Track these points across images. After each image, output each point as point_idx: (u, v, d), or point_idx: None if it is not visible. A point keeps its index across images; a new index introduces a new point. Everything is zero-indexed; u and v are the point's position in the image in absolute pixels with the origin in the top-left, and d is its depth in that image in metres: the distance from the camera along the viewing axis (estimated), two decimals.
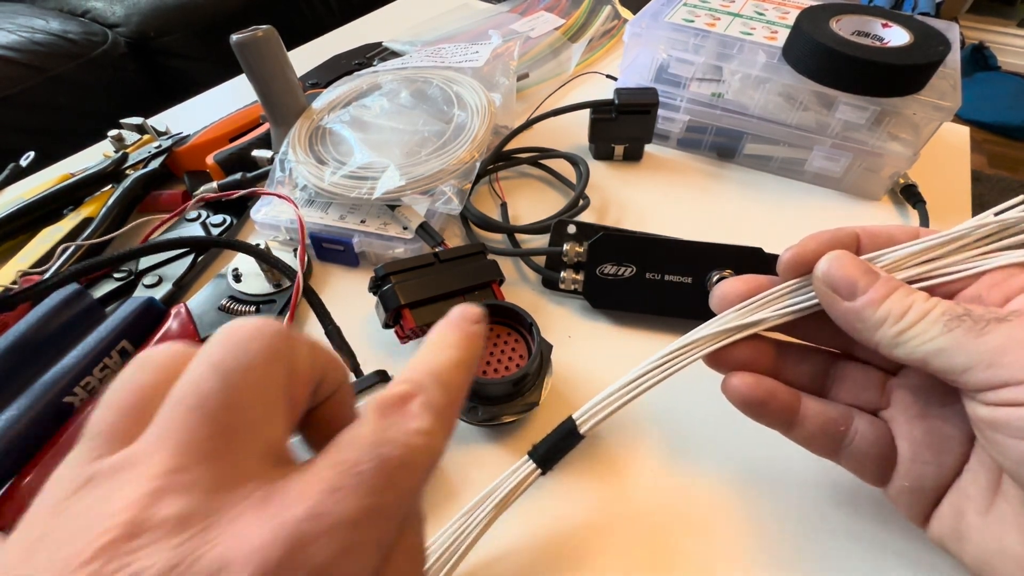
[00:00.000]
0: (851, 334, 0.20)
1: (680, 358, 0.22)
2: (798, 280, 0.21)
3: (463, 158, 0.37)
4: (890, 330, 0.18)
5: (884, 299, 0.18)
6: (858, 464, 0.21)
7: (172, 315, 0.33)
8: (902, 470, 0.20)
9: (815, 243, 0.21)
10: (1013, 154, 1.71)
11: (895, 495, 0.21)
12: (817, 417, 0.21)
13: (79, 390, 0.28)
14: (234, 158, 0.42)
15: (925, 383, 0.20)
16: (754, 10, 0.47)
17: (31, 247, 0.36)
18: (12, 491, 0.25)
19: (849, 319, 0.19)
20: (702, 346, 0.22)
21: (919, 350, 0.17)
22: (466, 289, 0.32)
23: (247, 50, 0.37)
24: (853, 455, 0.21)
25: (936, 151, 0.46)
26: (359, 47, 0.61)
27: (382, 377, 0.27)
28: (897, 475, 0.20)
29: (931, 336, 0.17)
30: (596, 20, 0.63)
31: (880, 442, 0.21)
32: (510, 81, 0.47)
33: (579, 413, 0.22)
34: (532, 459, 0.22)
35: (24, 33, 1.03)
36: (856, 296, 0.19)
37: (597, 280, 0.33)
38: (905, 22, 0.40)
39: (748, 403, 0.21)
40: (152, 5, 1.16)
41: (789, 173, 0.45)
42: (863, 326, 0.19)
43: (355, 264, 0.38)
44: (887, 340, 0.18)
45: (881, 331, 0.18)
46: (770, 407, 0.21)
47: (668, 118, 0.46)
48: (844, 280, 0.19)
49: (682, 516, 0.26)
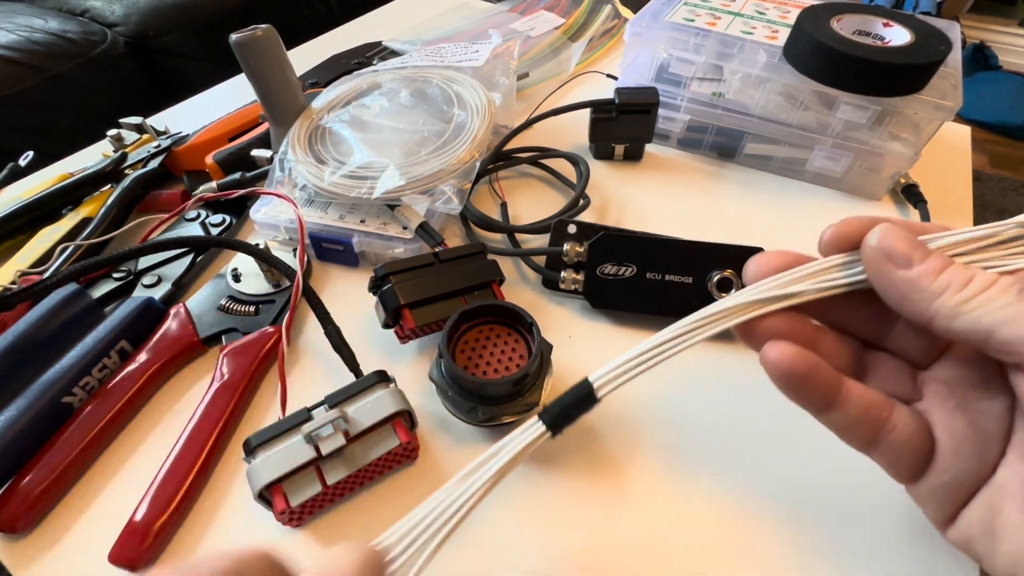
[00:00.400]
0: (900, 308, 0.18)
1: (709, 326, 0.20)
2: (839, 256, 0.20)
3: (463, 158, 0.37)
4: (952, 299, 0.17)
5: (943, 269, 0.17)
6: (895, 457, 0.19)
7: (171, 315, 0.33)
8: (942, 465, 0.19)
9: (857, 222, 0.20)
10: (1014, 154, 1.71)
11: (927, 492, 0.19)
12: (862, 400, 0.19)
13: (78, 390, 0.28)
14: (233, 158, 0.42)
15: (961, 375, 0.20)
16: (755, 9, 0.47)
17: (30, 247, 0.36)
18: (12, 491, 0.25)
19: (904, 289, 0.18)
20: (735, 314, 0.20)
21: (984, 320, 0.16)
22: (466, 289, 0.31)
23: (247, 50, 0.37)
24: (893, 446, 0.19)
25: (937, 151, 0.46)
26: (359, 46, 0.61)
27: (382, 377, 0.27)
28: (935, 470, 0.19)
29: (1001, 304, 0.16)
30: (596, 19, 0.63)
31: (920, 434, 0.19)
32: (510, 81, 0.47)
33: (597, 375, 0.21)
34: (543, 420, 0.20)
35: (23, 32, 1.02)
36: (912, 265, 0.18)
37: (597, 280, 0.33)
38: (906, 21, 0.40)
39: (789, 376, 0.19)
40: (151, 4, 1.16)
41: (790, 173, 0.45)
42: (919, 296, 0.17)
43: (355, 264, 0.38)
44: (947, 310, 0.17)
45: (941, 300, 0.17)
46: (813, 383, 0.19)
47: (668, 118, 0.46)
48: (900, 248, 0.18)
49: (681, 518, 0.26)
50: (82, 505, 0.26)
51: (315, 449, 0.24)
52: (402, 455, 0.27)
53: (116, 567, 0.24)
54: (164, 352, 0.31)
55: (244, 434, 0.27)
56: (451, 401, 0.27)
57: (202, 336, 0.32)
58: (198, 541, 0.25)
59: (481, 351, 0.28)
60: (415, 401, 0.28)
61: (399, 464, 0.27)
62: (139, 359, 0.30)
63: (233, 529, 0.26)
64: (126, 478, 0.27)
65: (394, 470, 0.27)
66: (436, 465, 0.28)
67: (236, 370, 0.30)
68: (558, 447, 0.28)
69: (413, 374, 0.31)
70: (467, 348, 0.28)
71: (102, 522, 0.26)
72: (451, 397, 0.27)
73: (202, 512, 0.26)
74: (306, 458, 0.24)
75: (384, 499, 0.27)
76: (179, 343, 0.31)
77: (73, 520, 0.26)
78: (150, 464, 0.27)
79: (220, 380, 0.29)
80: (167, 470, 0.26)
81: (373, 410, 0.25)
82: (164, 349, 0.31)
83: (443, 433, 0.29)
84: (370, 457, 0.25)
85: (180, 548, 0.25)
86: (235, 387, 0.29)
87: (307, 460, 0.24)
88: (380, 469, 0.26)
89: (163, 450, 0.27)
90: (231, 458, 0.28)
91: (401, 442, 0.25)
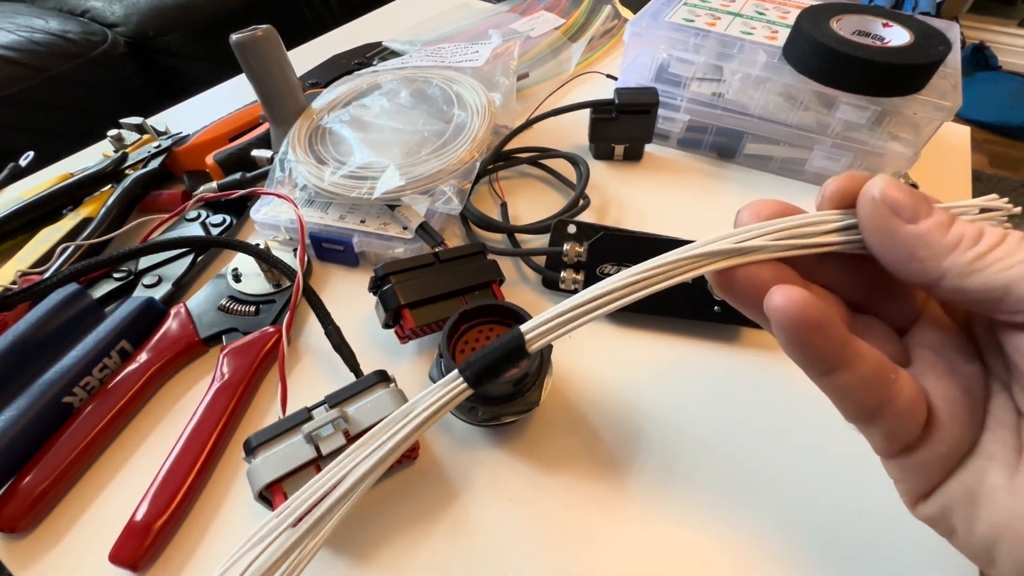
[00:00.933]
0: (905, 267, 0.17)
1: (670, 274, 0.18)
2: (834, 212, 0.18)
3: (463, 158, 0.37)
4: (965, 255, 0.15)
5: (951, 223, 0.16)
6: (896, 426, 0.17)
7: (172, 315, 0.33)
8: (939, 433, 0.17)
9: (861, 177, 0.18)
10: (1014, 154, 1.71)
11: (918, 464, 0.18)
12: (871, 358, 0.17)
13: (78, 390, 0.28)
14: (234, 158, 0.42)
15: (942, 339, 0.18)
16: (754, 10, 0.47)
17: (30, 247, 0.36)
18: (12, 491, 0.25)
19: (912, 246, 0.16)
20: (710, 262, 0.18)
21: (1001, 276, 0.15)
22: (466, 289, 0.31)
23: (247, 50, 0.37)
24: (897, 414, 0.17)
25: (937, 151, 0.46)
26: (359, 47, 0.61)
27: (382, 377, 0.27)
28: (932, 439, 0.17)
29: (1020, 259, 0.15)
30: (596, 20, 0.63)
31: (922, 400, 0.18)
32: (510, 81, 0.47)
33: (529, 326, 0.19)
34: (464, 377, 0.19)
35: (23, 33, 1.03)
36: (919, 219, 0.16)
37: (597, 280, 0.33)
38: (906, 22, 0.40)
39: (799, 326, 0.16)
40: (151, 5, 1.16)
41: (789, 173, 0.45)
42: (929, 252, 0.16)
43: (355, 264, 0.38)
44: (959, 267, 0.15)
45: (953, 256, 0.15)
46: (824, 335, 0.17)
47: (668, 118, 0.46)
48: (905, 200, 0.16)
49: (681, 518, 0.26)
50: (82, 505, 0.26)
51: (315, 449, 0.24)
52: (402, 455, 0.27)
53: (116, 567, 0.24)
54: (164, 352, 0.31)
55: (244, 434, 0.27)
56: None
57: (202, 336, 0.32)
58: (198, 541, 0.25)
59: None
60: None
61: (399, 464, 0.27)
62: (139, 359, 0.30)
63: (233, 529, 0.26)
64: (126, 478, 0.27)
65: (394, 470, 0.27)
66: (436, 465, 0.28)
67: (236, 370, 0.30)
68: (558, 447, 0.28)
69: (413, 374, 0.31)
70: (467, 348, 0.28)
71: (102, 522, 0.26)
72: None
73: (202, 512, 0.26)
74: (306, 458, 0.24)
75: (384, 499, 0.27)
76: (179, 343, 0.31)
77: (73, 520, 0.26)
78: (150, 464, 0.27)
79: (220, 380, 0.29)
80: (167, 470, 0.26)
81: (373, 410, 0.25)
82: (164, 349, 0.31)
83: (443, 433, 0.29)
84: None
85: (180, 548, 0.25)
86: (235, 387, 0.29)
87: (307, 460, 0.24)
88: None
89: (163, 450, 0.27)
90: (231, 458, 0.28)
91: None
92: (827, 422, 0.28)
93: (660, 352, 0.32)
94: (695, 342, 0.33)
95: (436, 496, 0.27)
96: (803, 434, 0.28)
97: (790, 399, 0.30)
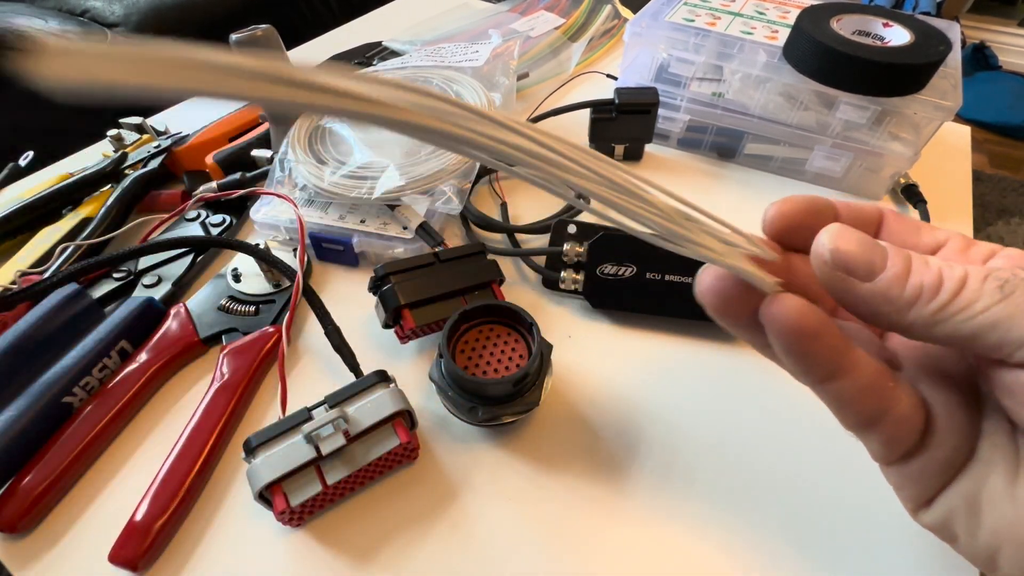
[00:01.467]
0: (871, 320, 0.16)
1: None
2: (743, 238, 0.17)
3: (463, 158, 0.37)
4: (926, 308, 0.15)
5: (908, 270, 0.15)
6: (896, 433, 0.17)
7: (171, 315, 0.33)
8: (938, 439, 0.17)
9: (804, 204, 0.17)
10: (1014, 154, 1.71)
11: (917, 471, 0.17)
12: (870, 365, 0.17)
13: (78, 390, 0.28)
14: (233, 158, 0.42)
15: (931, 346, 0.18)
16: (755, 9, 0.47)
17: (30, 247, 0.36)
18: (12, 491, 0.25)
19: (873, 303, 0.15)
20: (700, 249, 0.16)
21: (966, 326, 0.14)
22: (466, 289, 0.31)
23: (247, 50, 0.37)
24: (896, 421, 0.17)
25: (937, 151, 0.46)
26: (359, 47, 0.61)
27: (382, 377, 0.27)
28: (932, 445, 0.17)
29: (984, 306, 0.14)
30: (596, 19, 0.63)
31: (921, 405, 0.17)
32: (510, 81, 0.47)
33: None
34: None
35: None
36: (875, 274, 0.15)
37: (597, 280, 0.33)
38: (906, 21, 0.40)
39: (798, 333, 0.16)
40: (151, 4, 1.16)
41: (790, 173, 0.45)
42: (891, 308, 0.15)
43: (355, 264, 0.38)
44: (923, 320, 0.15)
45: (915, 310, 0.15)
46: (822, 342, 0.16)
47: (668, 118, 0.46)
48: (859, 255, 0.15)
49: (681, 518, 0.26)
50: (82, 505, 0.26)
51: (315, 449, 0.24)
52: (402, 455, 0.27)
53: (116, 567, 0.24)
54: (164, 352, 0.31)
55: (244, 434, 0.27)
56: (451, 401, 0.27)
57: (202, 336, 0.32)
58: (198, 541, 0.25)
59: (481, 351, 0.28)
60: (415, 401, 0.28)
61: (399, 464, 0.27)
62: (139, 359, 0.30)
63: (233, 529, 0.26)
64: (126, 478, 0.27)
65: (394, 470, 0.27)
66: (436, 465, 0.28)
67: (236, 370, 0.30)
68: (558, 447, 0.28)
69: (413, 374, 0.31)
70: (467, 348, 0.28)
71: (102, 522, 0.26)
72: (451, 397, 0.27)
73: (202, 512, 0.26)
74: (306, 458, 0.24)
75: (384, 499, 0.27)
76: (179, 343, 0.31)
77: (73, 520, 0.26)
78: (150, 464, 0.27)
79: (220, 380, 0.29)
80: (167, 470, 0.26)
81: (373, 410, 0.25)
82: (164, 349, 0.31)
83: (443, 433, 0.29)
84: (370, 457, 0.25)
85: (180, 548, 0.25)
86: (235, 387, 0.29)
87: (307, 460, 0.24)
88: (380, 469, 0.26)
89: (163, 450, 0.27)
90: (231, 458, 0.28)
91: (401, 442, 0.25)
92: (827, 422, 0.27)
93: (660, 352, 0.32)
94: (695, 342, 0.33)
95: (436, 496, 0.27)
96: (803, 434, 0.28)
97: (790, 399, 0.30)
